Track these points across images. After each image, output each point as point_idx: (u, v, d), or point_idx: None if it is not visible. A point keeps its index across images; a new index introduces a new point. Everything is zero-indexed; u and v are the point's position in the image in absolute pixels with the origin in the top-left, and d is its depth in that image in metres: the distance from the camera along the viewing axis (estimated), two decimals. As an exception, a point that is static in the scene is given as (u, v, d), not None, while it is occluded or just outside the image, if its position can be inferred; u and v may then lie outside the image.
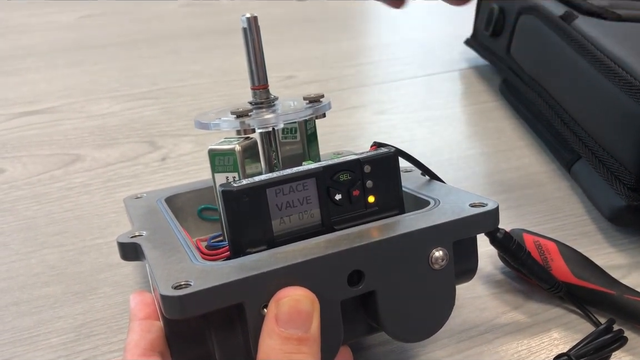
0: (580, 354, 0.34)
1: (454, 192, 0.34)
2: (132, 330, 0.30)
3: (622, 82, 0.47)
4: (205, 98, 0.80)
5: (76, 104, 0.79)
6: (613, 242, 0.47)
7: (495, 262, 0.45)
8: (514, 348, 0.37)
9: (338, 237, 0.29)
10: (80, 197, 0.57)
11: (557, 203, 0.54)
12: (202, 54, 1.01)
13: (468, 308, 0.41)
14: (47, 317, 0.41)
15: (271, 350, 0.25)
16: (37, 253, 0.49)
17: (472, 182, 0.58)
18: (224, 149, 0.34)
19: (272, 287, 0.26)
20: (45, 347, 0.39)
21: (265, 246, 0.30)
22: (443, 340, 0.38)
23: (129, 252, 0.33)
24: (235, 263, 0.28)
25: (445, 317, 0.31)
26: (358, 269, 0.28)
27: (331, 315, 0.28)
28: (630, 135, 0.46)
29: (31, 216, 0.54)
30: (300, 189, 0.30)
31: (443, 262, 0.30)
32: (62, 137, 0.69)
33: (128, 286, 0.44)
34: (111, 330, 0.40)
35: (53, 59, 0.98)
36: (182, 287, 0.26)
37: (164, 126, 0.72)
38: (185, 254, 0.29)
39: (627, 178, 0.46)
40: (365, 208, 0.32)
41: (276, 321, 0.26)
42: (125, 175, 0.61)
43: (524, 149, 0.65)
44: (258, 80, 0.36)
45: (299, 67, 0.88)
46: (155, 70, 0.92)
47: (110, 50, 1.04)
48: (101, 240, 0.50)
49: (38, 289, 0.44)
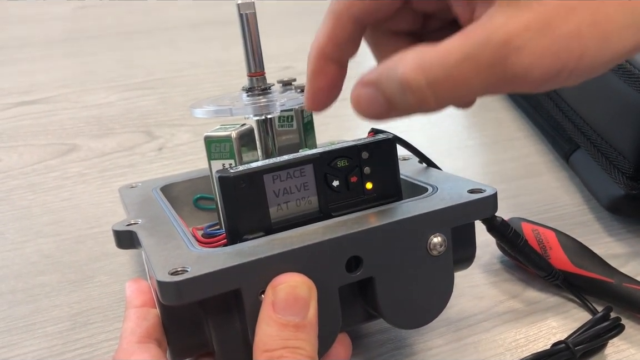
0: (578, 342, 0.34)
1: (452, 179, 0.34)
2: (128, 318, 0.29)
3: (622, 71, 0.46)
4: (202, 88, 0.80)
5: (72, 94, 0.78)
6: (611, 231, 0.47)
7: (493, 251, 0.44)
8: (512, 336, 0.37)
9: (336, 223, 0.29)
10: (76, 186, 0.57)
11: (556, 193, 0.54)
12: (199, 44, 1.00)
13: (466, 297, 0.40)
14: (43, 306, 0.41)
15: (268, 336, 0.25)
16: (32, 242, 0.48)
17: (471, 172, 0.58)
18: (220, 136, 0.34)
19: (269, 273, 0.26)
20: (41, 335, 0.38)
21: (263, 233, 0.29)
22: (441, 328, 0.37)
23: (125, 240, 0.33)
24: (232, 249, 0.27)
25: (443, 303, 0.31)
26: (356, 255, 0.28)
27: (329, 301, 0.28)
28: (630, 124, 0.46)
29: (26, 205, 0.54)
30: (298, 175, 0.30)
31: (441, 248, 0.30)
32: (58, 127, 0.69)
33: (124, 275, 0.44)
34: (107, 318, 0.40)
35: (49, 49, 0.98)
36: (179, 273, 0.25)
37: (160, 116, 0.71)
38: (181, 241, 0.29)
39: (625, 167, 0.46)
40: (363, 194, 0.32)
41: (273, 307, 0.26)
42: (121, 165, 0.61)
43: (522, 139, 0.64)
44: (254, 66, 0.36)
45: (297, 58, 0.87)
46: (152, 60, 0.91)
47: (106, 41, 1.03)
48: (97, 229, 0.50)
49: (34, 277, 0.44)
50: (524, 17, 0.21)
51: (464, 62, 0.22)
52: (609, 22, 0.21)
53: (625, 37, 0.22)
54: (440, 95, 0.23)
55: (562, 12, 0.21)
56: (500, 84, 0.22)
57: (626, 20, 0.21)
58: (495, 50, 0.22)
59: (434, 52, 0.23)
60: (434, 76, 0.22)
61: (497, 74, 0.22)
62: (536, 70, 0.22)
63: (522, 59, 0.21)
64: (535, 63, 0.21)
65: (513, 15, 0.22)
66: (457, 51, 0.22)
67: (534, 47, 0.21)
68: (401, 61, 0.23)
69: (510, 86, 0.23)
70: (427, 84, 0.23)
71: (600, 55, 0.22)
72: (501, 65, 0.22)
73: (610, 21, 0.21)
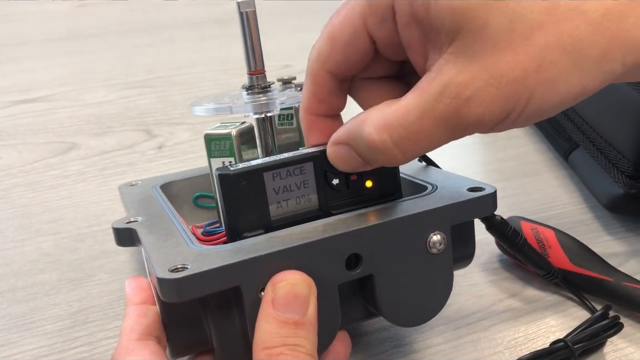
0: (577, 340, 0.34)
1: (451, 177, 0.34)
2: (127, 315, 0.29)
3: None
4: (202, 86, 0.80)
5: (72, 92, 0.78)
6: (610, 230, 0.47)
7: (492, 250, 0.44)
8: (511, 335, 0.37)
9: (336, 221, 0.29)
10: (75, 185, 0.57)
11: (555, 192, 0.54)
12: (198, 43, 1.00)
13: (465, 295, 0.41)
14: (43, 304, 0.41)
15: (268, 334, 0.25)
16: (32, 240, 0.48)
17: (470, 171, 0.58)
18: (220, 134, 0.34)
19: (269, 270, 0.26)
20: (41, 333, 0.38)
21: (262, 230, 0.29)
22: (440, 327, 0.37)
23: (125, 237, 0.33)
24: (232, 247, 0.27)
25: (442, 301, 0.31)
26: (356, 253, 0.28)
27: (329, 299, 0.28)
28: (629, 123, 0.46)
29: (26, 204, 0.54)
30: (298, 173, 0.30)
31: (441, 246, 0.30)
32: (58, 125, 0.69)
33: (124, 273, 0.44)
34: (107, 317, 0.40)
35: (49, 48, 0.98)
36: (179, 270, 0.25)
37: (160, 114, 0.71)
38: (181, 238, 0.29)
39: (625, 166, 0.46)
40: (363, 193, 0.31)
41: (273, 305, 0.26)
42: (121, 164, 0.61)
43: (522, 138, 0.65)
44: (254, 64, 0.36)
45: (297, 56, 0.87)
46: (152, 59, 0.91)
47: (106, 39, 1.03)
48: (97, 227, 0.50)
49: (33, 276, 0.44)
50: (472, 68, 0.22)
51: (423, 118, 0.23)
52: (553, 67, 0.22)
53: (570, 82, 0.22)
54: (406, 150, 0.25)
55: (507, 59, 0.22)
56: (459, 132, 0.24)
57: (570, 65, 0.22)
58: (449, 103, 0.23)
59: (395, 112, 0.24)
60: (397, 135, 0.24)
61: (453, 124, 0.23)
62: (487, 117, 0.23)
63: (474, 109, 0.23)
64: (486, 110, 0.23)
65: (462, 66, 0.23)
66: (416, 108, 0.24)
67: (482, 95, 0.22)
68: (366, 122, 0.25)
69: (468, 132, 0.24)
70: (393, 143, 0.24)
71: (547, 99, 0.23)
72: (456, 116, 0.23)
73: (554, 66, 0.22)
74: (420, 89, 0.24)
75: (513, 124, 0.24)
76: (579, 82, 0.22)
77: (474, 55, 0.22)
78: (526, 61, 0.22)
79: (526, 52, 0.22)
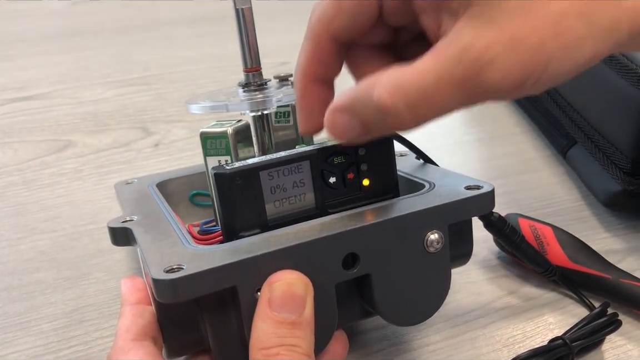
0: (575, 338, 0.34)
1: (449, 175, 0.34)
2: (123, 315, 0.29)
3: (619, 66, 0.46)
4: (198, 84, 0.80)
5: (68, 89, 0.78)
6: (609, 227, 0.47)
7: (490, 247, 0.44)
8: (509, 332, 0.37)
9: (332, 220, 0.29)
10: (71, 183, 0.56)
11: (553, 189, 0.54)
12: (195, 40, 1.00)
13: (463, 293, 0.40)
14: (38, 303, 0.41)
15: (264, 334, 0.25)
16: (27, 239, 0.48)
17: (468, 168, 0.58)
18: (216, 132, 0.34)
19: (265, 270, 0.26)
20: (37, 332, 0.38)
21: (259, 229, 0.29)
22: (438, 324, 0.37)
23: (120, 237, 0.33)
24: (228, 246, 0.27)
25: (440, 300, 0.31)
26: (353, 252, 0.28)
27: (326, 299, 0.28)
28: (627, 120, 0.46)
29: (21, 202, 0.53)
30: (294, 171, 0.30)
31: (438, 245, 0.29)
32: (54, 123, 0.68)
33: (120, 272, 0.44)
34: (103, 316, 0.39)
35: (44, 45, 0.97)
36: (175, 271, 0.25)
37: (156, 112, 0.71)
38: (177, 238, 0.29)
39: (623, 162, 0.46)
40: (360, 191, 0.31)
41: (269, 305, 0.25)
42: (117, 161, 0.60)
43: (519, 135, 0.64)
44: (251, 62, 0.36)
45: (293, 53, 0.87)
46: (148, 56, 0.91)
47: (102, 36, 1.02)
48: (93, 226, 0.50)
49: (29, 274, 0.44)
50: (492, 32, 0.22)
51: (439, 82, 0.23)
52: (569, 33, 0.22)
53: (584, 48, 0.23)
54: (418, 114, 0.24)
55: (525, 24, 0.22)
56: (475, 98, 0.23)
57: (585, 31, 0.22)
58: (468, 67, 0.22)
59: (409, 75, 0.23)
60: (411, 98, 0.23)
61: (471, 88, 0.23)
62: (506, 82, 0.22)
63: (494, 73, 0.22)
64: (506, 75, 0.22)
65: (480, 31, 0.22)
66: (432, 71, 0.23)
67: (503, 60, 0.22)
68: (375, 85, 0.24)
69: (484, 98, 0.23)
70: (406, 106, 0.23)
71: (563, 65, 0.23)
72: (474, 80, 0.23)
73: (571, 32, 0.22)
74: (436, 52, 0.23)
75: (529, 91, 0.24)
76: (592, 48, 0.23)
77: (492, 21, 0.22)
78: (544, 27, 0.22)
79: (544, 18, 0.22)
